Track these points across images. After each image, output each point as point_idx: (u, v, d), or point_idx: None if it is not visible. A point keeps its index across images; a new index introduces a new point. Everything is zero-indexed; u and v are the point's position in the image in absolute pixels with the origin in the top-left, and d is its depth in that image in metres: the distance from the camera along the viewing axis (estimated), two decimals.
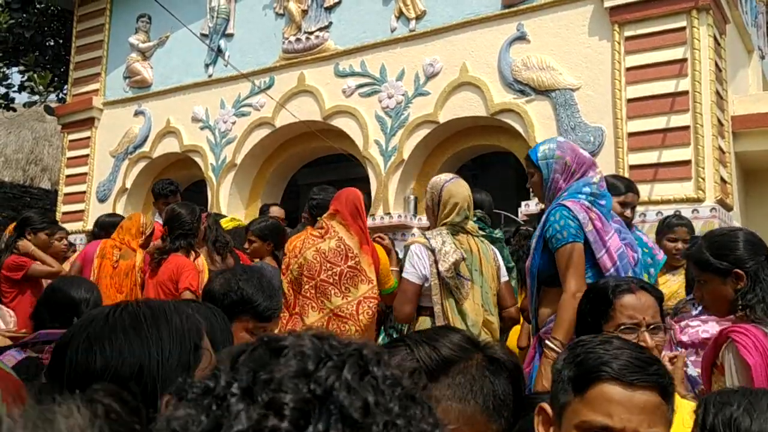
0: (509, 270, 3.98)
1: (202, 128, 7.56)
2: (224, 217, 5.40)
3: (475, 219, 3.86)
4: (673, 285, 3.66)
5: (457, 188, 3.27)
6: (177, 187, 5.53)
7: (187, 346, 1.05)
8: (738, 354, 1.93)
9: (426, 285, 3.14)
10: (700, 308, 2.92)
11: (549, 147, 2.79)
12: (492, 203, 4.68)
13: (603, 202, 2.72)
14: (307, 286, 3.54)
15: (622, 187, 3.31)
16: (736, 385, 1.79)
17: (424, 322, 3.16)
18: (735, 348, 1.96)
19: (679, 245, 3.81)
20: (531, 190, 2.96)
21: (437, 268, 3.09)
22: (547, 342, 2.62)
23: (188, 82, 7.69)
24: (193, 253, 4.04)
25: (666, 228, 3.91)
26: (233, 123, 7.34)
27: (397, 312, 3.23)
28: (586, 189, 2.70)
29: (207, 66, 7.62)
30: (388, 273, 3.78)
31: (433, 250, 3.12)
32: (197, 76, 7.63)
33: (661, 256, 3.39)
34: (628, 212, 3.28)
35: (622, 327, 1.76)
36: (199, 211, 4.17)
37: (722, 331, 2.04)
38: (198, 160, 7.54)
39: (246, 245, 4.37)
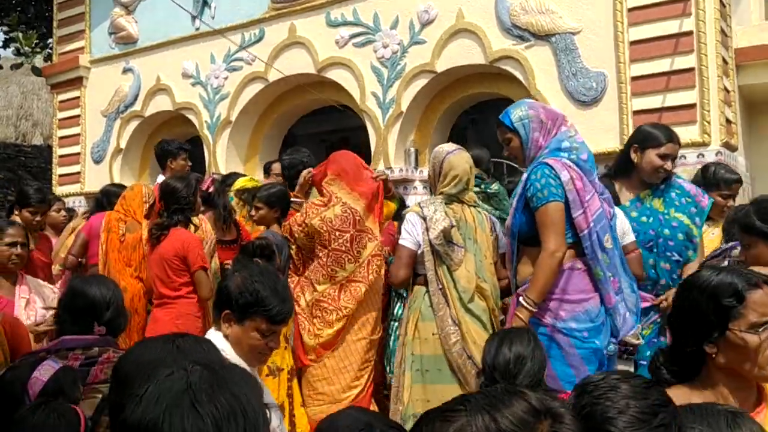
0: None
1: (193, 84, 7.39)
2: (241, 176, 5.25)
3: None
4: (713, 238, 3.64)
5: (458, 161, 3.36)
6: (182, 147, 5.43)
7: None
8: None
9: (420, 252, 3.26)
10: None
11: (521, 109, 2.85)
12: (489, 158, 4.64)
13: (585, 156, 2.75)
14: (321, 254, 3.59)
15: (662, 137, 3.11)
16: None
17: (419, 291, 3.29)
18: None
19: (730, 202, 3.79)
20: (509, 157, 2.96)
21: (428, 236, 3.19)
22: (520, 300, 2.72)
23: (175, 36, 7.46)
24: (192, 225, 4.01)
25: (720, 182, 3.82)
26: (225, 78, 7.17)
27: (392, 277, 3.34)
28: (566, 144, 2.73)
29: (194, 18, 7.37)
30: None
31: (425, 218, 3.23)
32: (184, 30, 7.39)
33: (705, 202, 3.18)
34: (668, 164, 3.11)
35: (757, 326, 1.63)
36: (195, 183, 4.08)
37: None
38: (192, 117, 7.40)
39: (252, 212, 4.34)
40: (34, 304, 3.43)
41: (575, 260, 2.72)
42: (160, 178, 5.31)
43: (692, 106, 4.95)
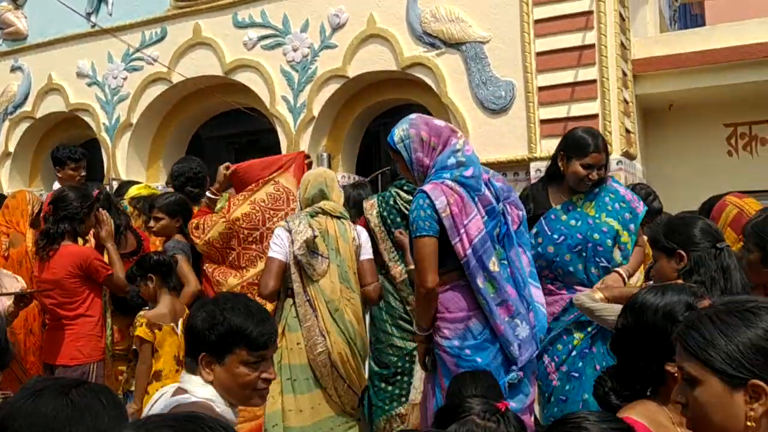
0: None
1: (89, 84, 6.97)
2: (134, 183, 4.97)
3: (403, 181, 3.91)
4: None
5: (312, 176, 3.48)
6: (82, 155, 5.03)
7: None
8: None
9: (287, 264, 3.28)
10: None
11: (403, 128, 2.71)
12: None
13: (469, 173, 2.62)
14: (250, 238, 3.59)
15: (586, 147, 3.01)
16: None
17: (287, 303, 3.29)
18: None
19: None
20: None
21: (293, 248, 3.24)
22: (414, 329, 2.90)
23: (69, 33, 7.00)
24: (80, 240, 3.74)
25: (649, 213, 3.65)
26: (125, 78, 6.80)
27: (261, 288, 3.28)
28: (451, 161, 2.63)
29: (89, 15, 6.94)
30: None
31: (290, 231, 3.26)
32: (79, 26, 6.95)
33: (641, 208, 3.15)
34: (593, 174, 3.02)
35: None
36: (92, 198, 3.78)
37: None
38: (88, 119, 6.98)
39: (151, 223, 4.09)
40: None
41: (459, 280, 2.66)
42: (56, 185, 4.96)
43: (595, 116, 5.14)
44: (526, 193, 3.27)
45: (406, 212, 4.14)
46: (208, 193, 3.94)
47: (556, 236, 3.07)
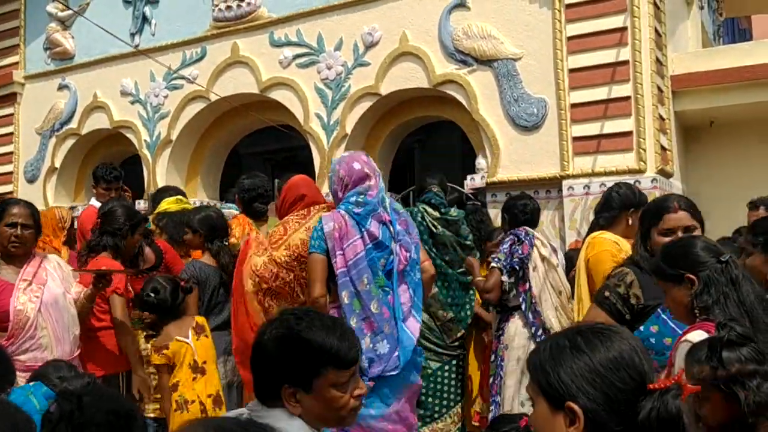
0: (470, 249, 4.07)
1: (132, 102, 7.18)
2: (171, 190, 5.02)
3: (430, 194, 4.25)
4: None
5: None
6: (121, 173, 5.18)
7: None
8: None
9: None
10: None
11: (333, 165, 3.29)
12: (443, 182, 4.60)
13: (359, 210, 3.08)
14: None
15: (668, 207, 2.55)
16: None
17: None
18: (684, 346, 1.99)
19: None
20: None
21: None
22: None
23: (114, 53, 7.24)
24: (120, 258, 3.81)
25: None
26: (165, 97, 6.99)
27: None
28: (353, 198, 3.10)
29: (132, 35, 7.17)
30: None
31: None
32: (123, 46, 7.18)
33: None
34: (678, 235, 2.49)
35: None
36: (139, 216, 3.83)
37: (684, 333, 2.06)
38: (131, 136, 7.19)
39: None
40: (41, 284, 3.20)
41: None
42: (93, 201, 5.11)
43: (629, 133, 5.04)
44: (619, 283, 2.54)
45: (434, 229, 4.16)
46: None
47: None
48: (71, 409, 1.50)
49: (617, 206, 3.28)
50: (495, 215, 5.03)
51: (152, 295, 3.42)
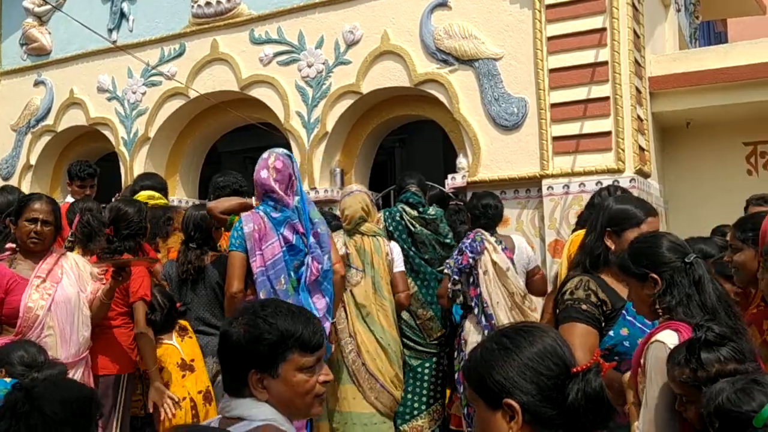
0: (450, 247, 4.13)
1: (109, 99, 7.09)
2: (152, 176, 4.97)
3: (408, 194, 4.37)
4: None
5: (351, 201, 4.09)
6: (95, 171, 5.12)
7: None
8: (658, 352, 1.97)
9: None
10: None
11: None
12: (422, 181, 4.62)
13: (276, 215, 3.27)
14: None
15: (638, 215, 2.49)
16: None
17: None
18: (656, 346, 2.00)
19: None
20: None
21: None
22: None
23: (91, 48, 7.14)
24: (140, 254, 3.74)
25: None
26: (143, 93, 6.91)
27: None
28: (272, 203, 3.29)
29: (110, 31, 7.08)
30: None
31: None
32: (100, 42, 7.08)
33: None
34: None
35: None
36: (146, 210, 3.75)
37: (651, 333, 2.08)
38: (107, 133, 7.10)
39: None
40: (55, 282, 3.12)
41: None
42: (69, 198, 5.04)
43: (608, 134, 5.08)
44: (588, 293, 2.42)
45: (412, 228, 4.18)
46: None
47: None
48: (17, 400, 1.56)
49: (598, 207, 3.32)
50: None
51: (149, 312, 3.41)
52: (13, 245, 3.20)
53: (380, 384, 3.85)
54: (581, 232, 3.20)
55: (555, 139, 5.24)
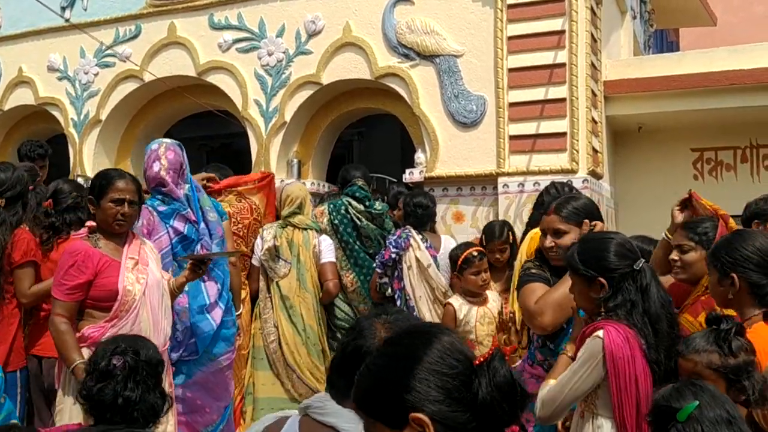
0: None
1: (60, 79, 6.86)
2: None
3: (355, 188, 4.40)
4: None
5: (292, 188, 4.34)
6: (46, 151, 4.96)
7: None
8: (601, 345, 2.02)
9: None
10: None
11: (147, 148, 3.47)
12: (366, 174, 4.62)
13: (162, 208, 3.33)
14: None
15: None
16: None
17: (262, 295, 4.21)
18: (599, 341, 2.05)
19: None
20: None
21: (259, 253, 4.16)
22: None
23: (42, 26, 6.90)
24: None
25: None
26: (96, 74, 6.71)
27: (248, 287, 4.20)
28: (159, 196, 3.35)
29: (63, 9, 6.85)
30: None
31: (262, 239, 4.18)
32: (52, 19, 6.84)
33: None
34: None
35: None
36: (84, 189, 3.64)
37: (593, 326, 2.12)
38: (56, 114, 6.87)
39: None
40: (145, 265, 2.98)
41: None
42: None
43: (563, 134, 5.18)
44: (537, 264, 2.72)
45: (358, 222, 4.19)
46: None
47: None
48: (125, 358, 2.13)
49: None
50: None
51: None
52: (93, 224, 3.01)
53: (297, 375, 4.03)
54: (538, 230, 3.26)
55: (512, 138, 5.31)
